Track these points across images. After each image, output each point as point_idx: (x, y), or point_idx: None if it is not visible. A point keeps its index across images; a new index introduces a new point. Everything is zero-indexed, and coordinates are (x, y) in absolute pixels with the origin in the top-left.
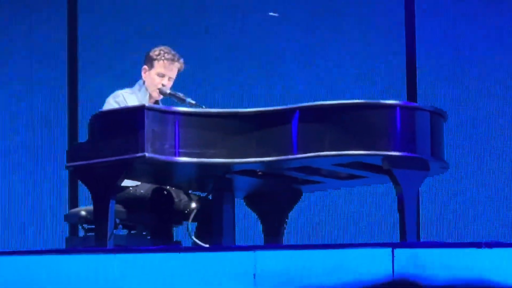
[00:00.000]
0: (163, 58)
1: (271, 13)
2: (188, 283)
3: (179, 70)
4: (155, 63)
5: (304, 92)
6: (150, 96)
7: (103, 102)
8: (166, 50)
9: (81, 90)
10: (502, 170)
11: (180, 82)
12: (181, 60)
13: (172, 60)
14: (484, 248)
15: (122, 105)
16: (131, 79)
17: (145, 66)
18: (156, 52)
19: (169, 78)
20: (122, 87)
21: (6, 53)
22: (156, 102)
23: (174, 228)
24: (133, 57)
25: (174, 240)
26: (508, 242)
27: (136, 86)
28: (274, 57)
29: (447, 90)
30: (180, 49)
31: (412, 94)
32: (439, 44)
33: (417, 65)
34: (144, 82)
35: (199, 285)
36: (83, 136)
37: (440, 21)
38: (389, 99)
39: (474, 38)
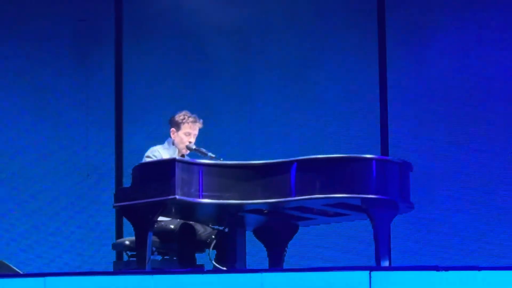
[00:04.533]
0: (187, 121)
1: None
2: None
3: (199, 128)
4: (181, 125)
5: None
6: (179, 151)
7: (140, 155)
8: (188, 114)
9: (125, 145)
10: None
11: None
12: (201, 121)
13: (194, 121)
14: (441, 271)
15: (159, 157)
16: (163, 136)
17: (173, 129)
18: (181, 117)
19: (194, 136)
20: (156, 142)
21: (64, 114)
22: (183, 155)
23: (197, 255)
24: (165, 119)
25: (198, 264)
26: (461, 265)
27: (166, 144)
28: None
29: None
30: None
31: (384, 148)
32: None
33: (388, 122)
34: (173, 141)
35: None
36: (127, 182)
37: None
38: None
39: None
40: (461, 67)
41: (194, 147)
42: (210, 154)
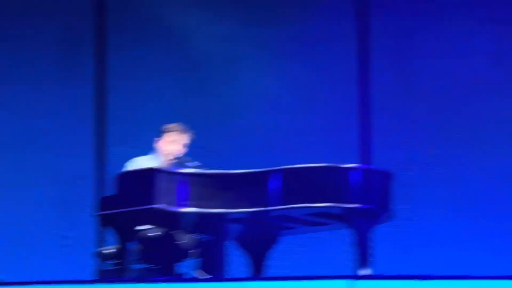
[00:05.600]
0: (172, 130)
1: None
2: None
3: (187, 140)
4: (166, 134)
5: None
6: (163, 161)
7: (124, 162)
8: (175, 125)
9: (108, 153)
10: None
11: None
12: (189, 132)
13: (180, 132)
14: (423, 280)
15: (138, 167)
16: (147, 143)
17: (159, 138)
18: (168, 126)
19: (180, 145)
20: (140, 150)
21: (44, 120)
22: (169, 164)
23: (179, 263)
24: (150, 131)
25: (179, 272)
26: (443, 275)
27: (151, 154)
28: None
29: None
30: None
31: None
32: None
33: (370, 131)
34: (158, 150)
35: None
36: (109, 190)
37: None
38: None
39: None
40: (446, 74)
41: (177, 156)
42: (192, 163)
